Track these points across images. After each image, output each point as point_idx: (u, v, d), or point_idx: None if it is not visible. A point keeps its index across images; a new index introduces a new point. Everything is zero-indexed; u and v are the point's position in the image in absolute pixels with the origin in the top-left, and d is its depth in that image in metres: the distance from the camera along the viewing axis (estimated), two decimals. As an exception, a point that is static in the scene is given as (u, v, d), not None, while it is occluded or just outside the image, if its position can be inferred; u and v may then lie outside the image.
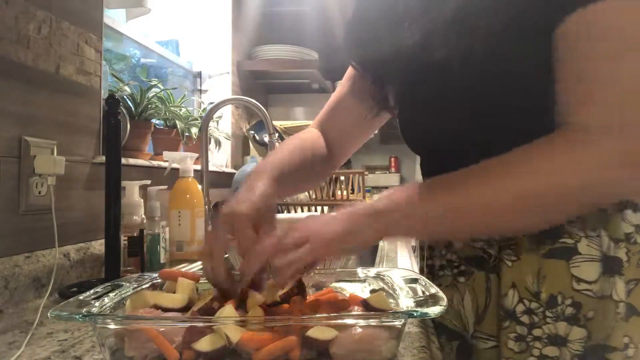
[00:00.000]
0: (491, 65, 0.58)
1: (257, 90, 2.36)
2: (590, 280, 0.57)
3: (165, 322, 0.45)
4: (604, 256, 0.57)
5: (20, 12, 0.79)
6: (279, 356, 0.43)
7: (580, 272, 0.57)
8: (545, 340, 0.58)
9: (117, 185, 0.83)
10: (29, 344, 0.55)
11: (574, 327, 0.57)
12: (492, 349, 0.63)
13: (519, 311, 0.60)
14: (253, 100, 1.33)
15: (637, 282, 0.57)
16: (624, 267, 0.56)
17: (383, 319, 0.46)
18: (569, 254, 0.58)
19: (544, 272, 0.59)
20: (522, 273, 0.60)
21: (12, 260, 0.74)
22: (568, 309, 0.57)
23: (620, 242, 0.57)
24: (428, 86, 0.67)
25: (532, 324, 0.59)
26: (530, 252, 0.60)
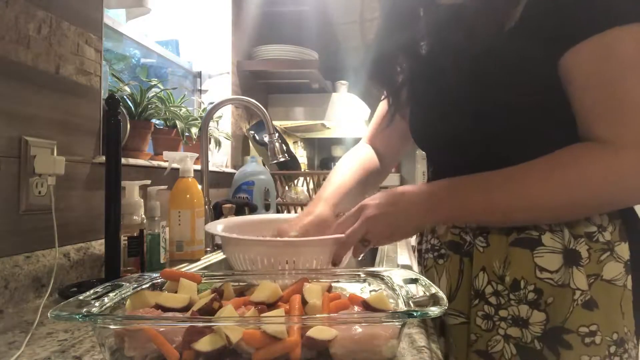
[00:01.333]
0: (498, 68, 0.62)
1: (257, 90, 2.36)
2: (552, 270, 0.63)
3: (165, 322, 0.45)
4: (565, 249, 0.63)
5: (20, 12, 0.79)
6: (279, 356, 0.43)
7: (543, 261, 0.63)
8: (510, 321, 0.65)
9: (117, 185, 0.83)
10: (29, 344, 0.55)
11: (535, 311, 0.63)
12: (461, 324, 0.70)
13: (488, 292, 0.67)
14: (253, 100, 1.33)
15: (596, 277, 0.62)
16: (585, 262, 0.62)
17: (383, 319, 0.46)
18: (534, 245, 0.64)
19: (510, 258, 0.65)
20: (491, 258, 0.67)
21: (12, 260, 0.74)
22: (530, 294, 0.63)
23: (580, 238, 0.63)
24: (437, 87, 0.72)
25: (498, 305, 0.66)
26: (499, 240, 0.67)
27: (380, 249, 1.30)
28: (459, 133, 0.70)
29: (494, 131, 0.65)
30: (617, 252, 0.63)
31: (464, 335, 0.69)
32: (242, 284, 0.61)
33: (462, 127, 0.68)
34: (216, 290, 0.54)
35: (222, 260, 1.17)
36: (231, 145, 1.94)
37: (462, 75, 0.65)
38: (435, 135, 0.76)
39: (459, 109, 0.68)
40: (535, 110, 0.62)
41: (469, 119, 0.67)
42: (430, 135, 0.78)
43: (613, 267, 0.62)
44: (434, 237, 0.79)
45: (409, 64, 0.78)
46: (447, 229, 0.75)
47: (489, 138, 0.66)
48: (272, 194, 1.71)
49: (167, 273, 0.57)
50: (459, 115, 0.68)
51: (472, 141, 0.68)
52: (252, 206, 1.55)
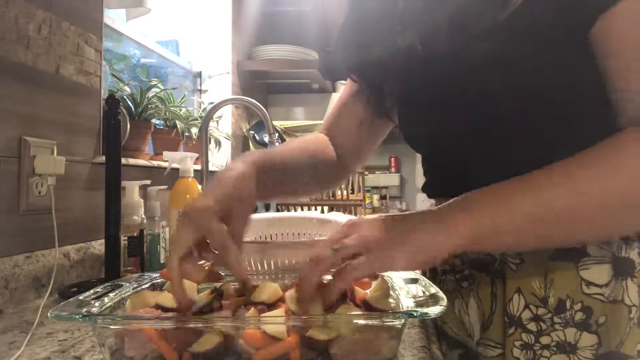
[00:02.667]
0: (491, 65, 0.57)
1: (257, 90, 2.36)
2: (600, 284, 0.54)
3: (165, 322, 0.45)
4: (614, 257, 0.54)
5: (20, 12, 0.79)
6: (279, 356, 0.43)
7: (589, 275, 0.54)
8: (554, 348, 0.55)
9: (117, 185, 0.83)
10: (29, 344, 0.55)
11: (584, 333, 0.54)
12: (498, 357, 0.60)
13: (525, 318, 0.57)
14: (253, 100, 1.33)
15: None
16: (637, 269, 0.53)
17: (383, 319, 0.46)
18: (577, 256, 0.55)
19: (551, 275, 0.55)
20: (528, 277, 0.57)
21: (12, 260, 0.74)
22: (578, 314, 0.54)
23: (633, 243, 0.54)
24: (427, 86, 0.66)
25: (539, 331, 0.56)
26: (534, 254, 0.56)
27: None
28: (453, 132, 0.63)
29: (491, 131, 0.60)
30: None
31: None
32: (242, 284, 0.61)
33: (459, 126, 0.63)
34: (216, 290, 0.54)
35: (222, 260, 1.17)
36: (231, 145, 1.94)
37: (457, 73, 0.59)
38: (427, 136, 0.69)
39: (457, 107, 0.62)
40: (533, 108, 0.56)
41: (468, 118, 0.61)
42: (421, 135, 0.71)
43: None
44: (454, 256, 0.66)
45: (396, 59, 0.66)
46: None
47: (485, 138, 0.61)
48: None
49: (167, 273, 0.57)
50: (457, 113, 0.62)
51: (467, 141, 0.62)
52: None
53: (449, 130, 0.65)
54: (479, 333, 0.63)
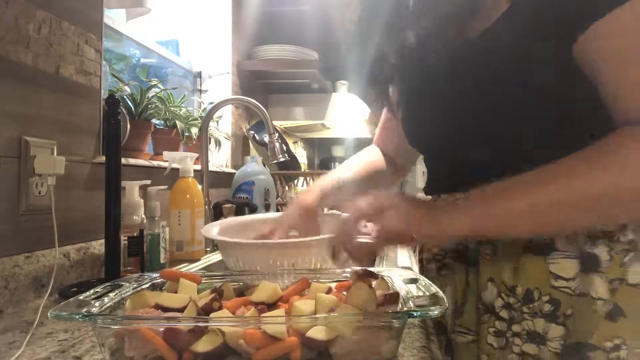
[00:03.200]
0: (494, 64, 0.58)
1: (257, 90, 2.36)
2: (568, 277, 0.56)
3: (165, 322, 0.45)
4: (582, 253, 0.56)
5: (20, 12, 0.79)
6: (279, 356, 0.43)
7: (558, 268, 0.57)
8: (525, 337, 0.58)
9: (117, 185, 0.83)
10: (29, 344, 0.55)
11: (552, 325, 0.57)
12: (471, 343, 0.63)
13: (498, 305, 0.60)
14: (253, 100, 1.33)
15: (621, 282, 0.55)
16: (607, 266, 0.55)
17: (383, 319, 0.46)
18: (547, 250, 0.58)
19: (521, 266, 0.59)
20: (499, 267, 0.60)
21: (12, 260, 0.74)
22: (546, 305, 0.57)
23: (597, 240, 0.56)
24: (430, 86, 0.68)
25: (511, 319, 0.59)
26: (507, 246, 0.60)
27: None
28: (453, 133, 0.66)
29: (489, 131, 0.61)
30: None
31: (473, 354, 0.63)
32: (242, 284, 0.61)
33: (455, 127, 0.65)
34: (216, 290, 0.54)
35: (222, 260, 1.17)
36: (231, 145, 1.94)
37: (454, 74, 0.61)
38: (428, 135, 0.72)
39: (451, 108, 0.64)
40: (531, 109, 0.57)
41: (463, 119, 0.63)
42: (422, 135, 0.74)
43: (639, 269, 0.55)
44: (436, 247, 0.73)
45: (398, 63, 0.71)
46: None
47: (484, 138, 0.62)
48: (272, 194, 1.71)
49: (167, 273, 0.57)
50: (453, 115, 0.64)
51: (467, 141, 0.64)
52: (252, 206, 1.55)
53: (450, 130, 0.66)
54: (451, 319, 0.66)
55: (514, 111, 0.58)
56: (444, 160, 0.71)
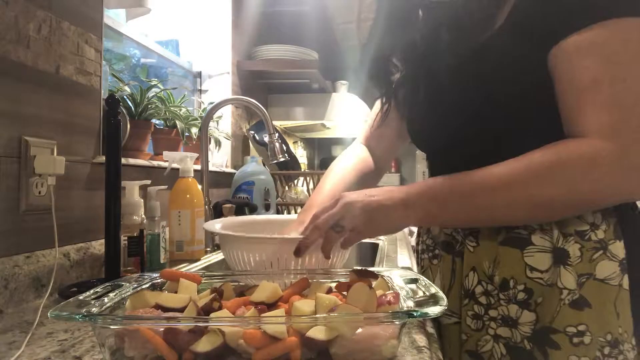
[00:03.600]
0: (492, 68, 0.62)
1: (257, 90, 2.36)
2: (542, 269, 0.62)
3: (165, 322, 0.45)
4: (554, 248, 0.62)
5: (20, 12, 0.79)
6: (279, 356, 0.43)
7: (533, 261, 0.63)
8: (500, 321, 0.65)
9: (117, 185, 0.83)
10: (29, 344, 0.55)
11: (525, 311, 0.63)
12: (454, 324, 0.70)
13: (478, 292, 0.67)
14: (253, 100, 1.33)
15: (588, 277, 0.61)
16: (577, 262, 0.61)
17: (383, 319, 0.46)
18: (523, 244, 0.63)
19: (499, 258, 0.65)
20: (481, 258, 0.67)
21: (12, 260, 0.74)
22: (520, 294, 0.63)
23: (570, 237, 0.62)
24: (434, 87, 0.71)
25: (488, 305, 0.66)
26: (488, 239, 0.66)
27: (380, 248, 1.30)
28: (457, 134, 0.69)
29: (492, 132, 0.65)
30: (611, 250, 0.61)
31: (456, 334, 0.70)
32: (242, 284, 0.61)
33: (459, 127, 0.68)
34: (216, 290, 0.54)
35: (222, 260, 1.17)
36: (231, 145, 1.94)
37: (459, 76, 0.65)
38: (434, 136, 0.76)
39: (456, 110, 0.68)
40: (532, 110, 0.62)
41: (467, 120, 0.66)
42: (428, 136, 0.78)
43: (606, 266, 0.61)
44: (429, 238, 0.80)
45: (406, 63, 0.78)
46: (440, 229, 0.75)
47: (487, 139, 0.66)
48: (272, 194, 1.71)
49: (167, 273, 0.57)
50: (457, 115, 0.68)
51: (470, 142, 0.68)
52: (252, 206, 1.55)
53: (454, 131, 0.70)
54: None
55: (515, 114, 0.62)
56: (447, 160, 0.75)
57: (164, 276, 0.57)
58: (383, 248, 1.31)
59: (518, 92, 0.61)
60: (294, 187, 2.11)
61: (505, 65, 0.61)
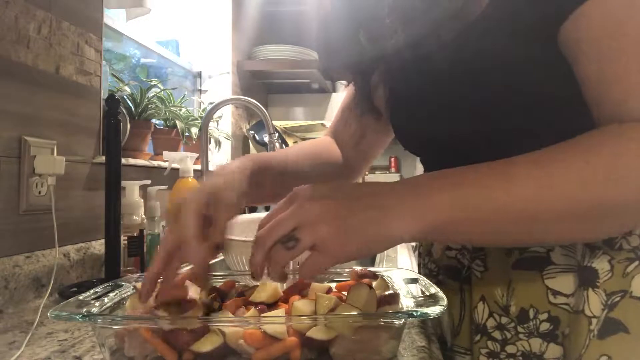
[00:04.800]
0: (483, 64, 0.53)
1: (257, 90, 2.36)
2: (567, 293, 0.52)
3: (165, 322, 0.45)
4: (579, 266, 0.52)
5: (20, 12, 0.79)
6: (279, 356, 0.43)
7: (556, 284, 0.52)
8: (520, 358, 0.54)
9: (117, 185, 0.83)
10: (29, 344, 0.55)
11: (551, 344, 0.53)
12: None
13: (490, 326, 0.56)
14: (253, 100, 1.33)
15: (623, 295, 0.50)
16: (606, 278, 0.50)
17: (383, 319, 0.46)
18: (542, 264, 0.53)
19: (514, 284, 0.54)
20: (491, 285, 0.56)
21: (12, 260, 0.74)
22: (543, 324, 0.53)
23: (597, 251, 0.51)
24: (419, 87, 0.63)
25: (504, 340, 0.55)
26: (499, 262, 0.56)
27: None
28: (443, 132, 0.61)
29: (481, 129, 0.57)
30: None
31: None
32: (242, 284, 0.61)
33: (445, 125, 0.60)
34: (216, 290, 0.54)
35: (222, 260, 1.17)
36: (231, 145, 1.94)
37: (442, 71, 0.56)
38: (420, 135, 0.66)
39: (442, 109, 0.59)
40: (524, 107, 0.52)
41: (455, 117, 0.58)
42: (414, 134, 0.68)
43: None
44: (430, 261, 0.69)
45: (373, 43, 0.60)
46: (442, 251, 0.65)
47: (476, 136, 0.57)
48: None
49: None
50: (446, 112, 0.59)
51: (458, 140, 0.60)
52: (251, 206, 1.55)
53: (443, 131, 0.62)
54: (450, 338, 0.63)
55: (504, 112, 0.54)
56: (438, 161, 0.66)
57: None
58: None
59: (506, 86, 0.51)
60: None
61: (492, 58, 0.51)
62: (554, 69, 0.49)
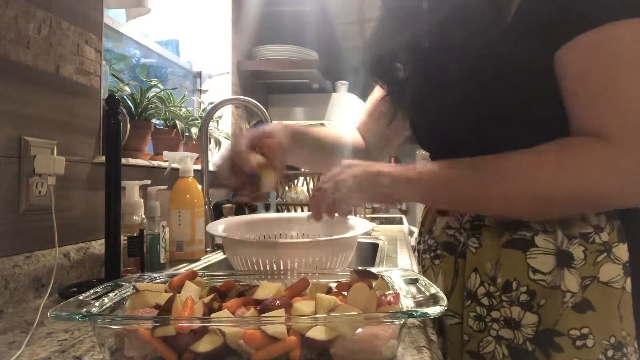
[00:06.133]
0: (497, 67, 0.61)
1: (257, 90, 2.36)
2: (545, 272, 0.62)
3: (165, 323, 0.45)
4: (558, 250, 0.62)
5: (20, 12, 0.79)
6: (279, 356, 0.43)
7: (536, 263, 0.63)
8: (502, 322, 0.64)
9: (117, 185, 0.83)
10: (29, 344, 0.55)
11: (527, 313, 0.63)
12: (456, 325, 0.70)
13: (480, 293, 0.66)
14: (253, 100, 1.33)
15: (592, 279, 0.61)
16: (581, 265, 0.61)
17: (383, 319, 0.46)
18: (527, 246, 0.63)
19: (502, 259, 0.65)
20: (483, 259, 0.67)
21: (12, 260, 0.74)
22: (523, 295, 0.63)
23: (574, 239, 0.61)
24: (440, 86, 0.70)
25: (490, 306, 0.65)
26: (491, 241, 0.66)
27: (380, 248, 1.30)
28: (461, 133, 0.69)
29: (497, 132, 0.64)
30: (615, 253, 0.61)
31: (458, 335, 0.69)
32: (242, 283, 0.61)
33: (464, 127, 0.67)
34: (216, 290, 0.54)
35: (222, 260, 1.17)
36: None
37: (463, 74, 0.64)
38: (438, 135, 0.75)
39: (461, 109, 0.67)
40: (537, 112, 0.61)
41: (471, 119, 0.65)
42: (432, 135, 0.77)
43: (610, 269, 0.60)
44: (431, 238, 0.79)
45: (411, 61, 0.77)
46: (442, 229, 0.75)
47: (491, 139, 0.64)
48: (272, 194, 1.71)
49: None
50: (461, 115, 0.67)
51: (474, 142, 0.67)
52: (252, 206, 1.55)
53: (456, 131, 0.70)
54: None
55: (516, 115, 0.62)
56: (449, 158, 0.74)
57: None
58: (383, 248, 1.31)
59: (522, 93, 0.60)
60: (294, 187, 2.11)
61: (510, 65, 0.60)
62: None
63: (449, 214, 0.74)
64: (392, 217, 2.89)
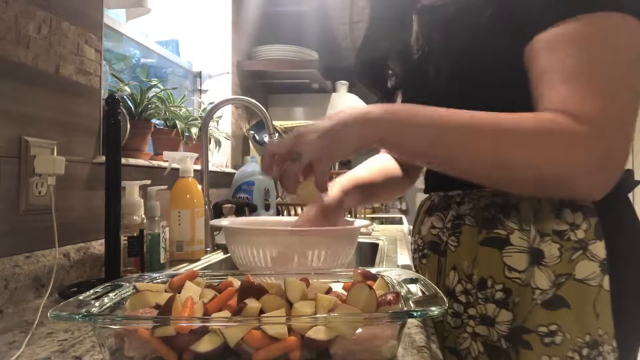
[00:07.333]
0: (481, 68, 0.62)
1: (257, 90, 2.36)
2: (520, 270, 0.62)
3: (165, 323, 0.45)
4: (530, 248, 0.62)
5: (20, 12, 0.79)
6: (280, 356, 0.43)
7: (512, 261, 0.63)
8: (478, 319, 0.65)
9: (117, 185, 0.83)
10: (29, 344, 0.55)
11: (502, 310, 0.63)
12: (439, 323, 0.71)
13: (458, 290, 0.68)
14: (253, 100, 1.33)
15: (568, 277, 0.60)
16: (555, 262, 0.61)
17: (383, 319, 0.46)
18: (502, 244, 0.64)
19: (479, 258, 0.65)
20: (461, 257, 0.68)
21: (12, 260, 0.74)
22: (498, 293, 0.64)
23: (546, 237, 0.62)
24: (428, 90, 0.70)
25: (467, 303, 0.67)
26: (469, 239, 0.67)
27: (380, 248, 1.30)
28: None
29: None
30: (591, 250, 0.60)
31: (440, 332, 0.71)
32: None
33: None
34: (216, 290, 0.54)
35: (222, 260, 1.17)
36: (231, 145, 1.94)
37: (450, 78, 0.65)
38: None
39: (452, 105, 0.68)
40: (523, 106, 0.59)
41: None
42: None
43: (586, 266, 0.60)
44: (419, 238, 0.80)
45: (400, 67, 0.78)
46: (428, 229, 0.76)
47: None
48: (272, 194, 1.71)
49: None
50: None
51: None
52: (252, 206, 1.55)
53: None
54: None
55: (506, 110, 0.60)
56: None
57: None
58: (383, 248, 1.31)
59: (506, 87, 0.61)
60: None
61: (491, 61, 0.61)
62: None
63: (434, 214, 0.76)
64: (392, 217, 2.89)
